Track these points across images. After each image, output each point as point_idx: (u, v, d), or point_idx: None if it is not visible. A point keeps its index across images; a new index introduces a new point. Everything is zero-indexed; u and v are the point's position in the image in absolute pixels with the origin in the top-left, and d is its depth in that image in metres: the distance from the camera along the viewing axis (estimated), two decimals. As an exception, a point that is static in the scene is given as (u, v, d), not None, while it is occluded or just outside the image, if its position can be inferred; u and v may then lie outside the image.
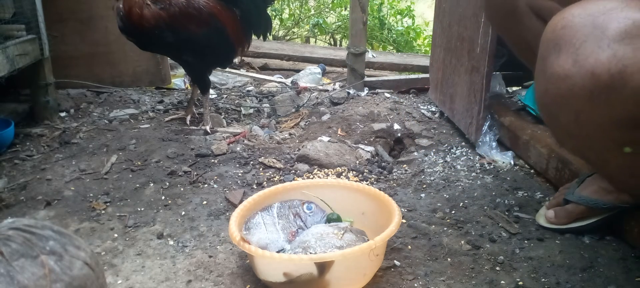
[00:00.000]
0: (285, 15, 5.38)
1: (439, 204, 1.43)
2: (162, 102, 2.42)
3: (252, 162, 1.72)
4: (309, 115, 2.23)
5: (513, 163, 1.66)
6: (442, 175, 1.62)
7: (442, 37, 2.10)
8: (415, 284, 1.09)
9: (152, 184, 1.56)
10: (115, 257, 1.20)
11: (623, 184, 1.09)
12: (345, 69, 2.74)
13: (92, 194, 1.50)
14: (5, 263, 0.78)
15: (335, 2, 5.18)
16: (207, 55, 2.02)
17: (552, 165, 1.49)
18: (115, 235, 1.29)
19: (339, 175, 1.62)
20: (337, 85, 2.72)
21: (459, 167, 1.68)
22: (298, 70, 3.17)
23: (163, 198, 1.48)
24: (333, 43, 5.42)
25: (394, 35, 4.86)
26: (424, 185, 1.56)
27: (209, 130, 2.01)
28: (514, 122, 1.76)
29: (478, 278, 1.10)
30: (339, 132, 1.95)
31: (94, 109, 2.28)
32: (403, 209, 1.39)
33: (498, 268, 1.13)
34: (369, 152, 1.79)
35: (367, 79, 2.57)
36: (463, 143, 1.85)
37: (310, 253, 1.03)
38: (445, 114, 2.09)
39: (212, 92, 2.55)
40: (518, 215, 1.35)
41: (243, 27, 2.06)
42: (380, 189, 1.35)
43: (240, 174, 1.63)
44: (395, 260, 1.16)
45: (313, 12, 5.42)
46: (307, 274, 0.99)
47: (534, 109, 1.76)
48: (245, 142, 1.91)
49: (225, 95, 2.58)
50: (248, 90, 2.72)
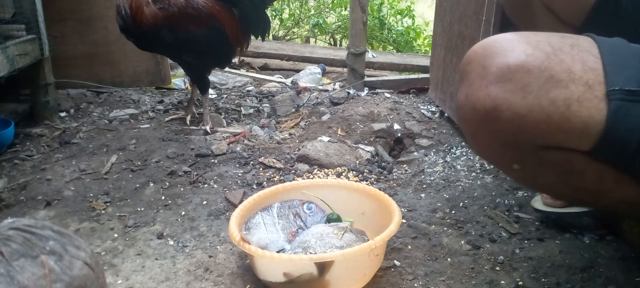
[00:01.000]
0: (285, 15, 5.37)
1: (439, 204, 1.43)
2: (162, 102, 2.42)
3: (252, 162, 1.72)
4: (309, 115, 2.23)
5: (513, 163, 1.66)
6: (442, 175, 1.62)
7: (442, 35, 2.10)
8: (415, 284, 1.09)
9: (152, 184, 1.56)
10: (115, 257, 1.20)
11: (540, 192, 1.29)
12: (345, 69, 2.74)
13: (92, 194, 1.50)
14: (5, 263, 0.78)
15: (335, 2, 5.18)
16: (206, 55, 2.02)
17: (552, 165, 1.49)
18: (115, 235, 1.29)
19: (339, 175, 1.62)
20: (337, 85, 2.72)
21: (459, 167, 1.68)
22: (298, 70, 3.17)
23: (163, 198, 1.48)
24: (333, 43, 5.42)
25: (394, 35, 4.86)
26: (424, 185, 1.56)
27: (209, 130, 2.01)
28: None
29: (478, 278, 1.10)
30: (339, 132, 1.95)
31: (94, 109, 2.28)
32: (403, 209, 1.39)
33: (498, 268, 1.14)
34: (369, 152, 1.79)
35: (367, 79, 2.57)
36: (463, 143, 1.85)
37: (310, 253, 1.03)
38: (446, 113, 2.09)
39: (212, 92, 2.55)
40: (518, 215, 1.35)
41: (242, 27, 2.06)
42: (380, 189, 1.35)
43: (240, 174, 1.63)
44: (395, 260, 1.16)
45: (313, 12, 5.42)
46: (307, 274, 0.99)
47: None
48: (245, 142, 1.91)
49: (225, 95, 2.58)
50: (248, 90, 2.72)
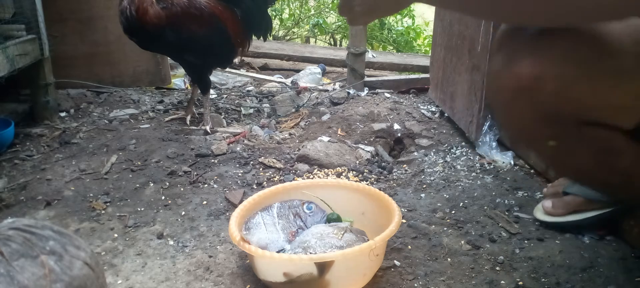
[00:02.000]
0: (285, 15, 5.37)
1: (439, 204, 1.43)
2: (162, 102, 2.42)
3: (252, 162, 1.72)
4: (309, 115, 2.23)
5: (513, 163, 1.66)
6: (442, 175, 1.62)
7: (442, 35, 2.10)
8: (415, 284, 1.08)
9: (152, 184, 1.56)
10: (115, 257, 1.20)
11: (562, 175, 1.20)
12: (345, 69, 2.74)
13: (92, 194, 1.50)
14: (5, 263, 0.78)
15: (336, 1, 5.18)
16: (207, 55, 2.02)
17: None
18: (115, 235, 1.29)
19: (339, 175, 1.62)
20: (337, 85, 2.72)
21: (459, 167, 1.68)
22: (298, 70, 3.16)
23: (163, 198, 1.48)
24: (333, 43, 5.41)
25: (394, 35, 4.86)
26: (424, 185, 1.56)
27: (209, 130, 2.01)
28: (514, 122, 1.75)
29: (478, 278, 1.10)
30: (339, 132, 1.95)
31: (94, 109, 2.28)
32: (403, 209, 1.39)
33: (498, 268, 1.13)
34: (369, 152, 1.79)
35: (367, 79, 2.57)
36: (463, 143, 1.85)
37: (311, 253, 1.03)
38: (446, 113, 2.09)
39: (212, 92, 2.55)
40: (518, 215, 1.35)
41: (244, 27, 2.06)
42: (380, 189, 1.35)
43: (240, 174, 1.63)
44: (395, 260, 1.16)
45: (313, 12, 5.42)
46: (307, 274, 0.99)
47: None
48: (245, 142, 1.90)
49: (225, 95, 2.58)
50: (248, 90, 2.72)
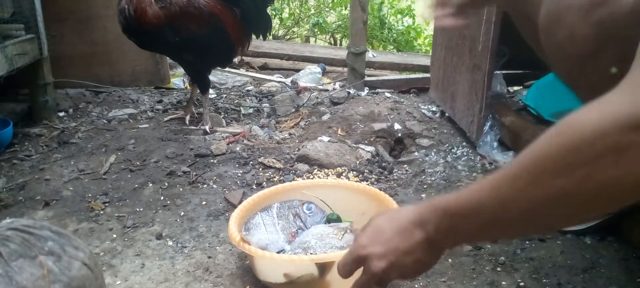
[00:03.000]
0: (285, 15, 5.36)
1: (440, 204, 1.42)
2: (161, 101, 2.42)
3: (251, 162, 1.71)
4: (309, 115, 2.22)
5: (514, 163, 1.65)
6: (443, 176, 1.61)
7: (443, 35, 2.09)
8: (416, 284, 1.08)
9: (151, 184, 1.55)
10: (114, 257, 1.19)
11: None
12: (346, 69, 2.73)
13: (90, 194, 1.49)
14: (4, 263, 0.78)
15: (336, 1, 5.17)
16: (207, 55, 2.01)
17: (553, 165, 1.48)
18: (114, 236, 1.28)
19: (339, 175, 1.61)
20: (337, 85, 2.71)
21: (460, 167, 1.67)
22: (298, 70, 3.16)
23: (162, 198, 1.47)
24: (333, 42, 5.41)
25: (395, 35, 4.85)
26: (425, 186, 1.55)
27: (209, 130, 2.00)
28: (515, 121, 1.75)
29: (479, 279, 1.09)
30: (339, 132, 1.94)
31: (93, 109, 2.27)
32: (403, 209, 1.38)
33: (499, 268, 1.13)
34: (370, 152, 1.79)
35: (367, 79, 2.56)
36: (464, 143, 1.85)
37: (311, 253, 1.02)
38: (446, 113, 2.08)
39: (211, 91, 2.54)
40: (519, 216, 1.35)
41: (243, 26, 2.05)
42: (381, 189, 1.35)
43: (240, 174, 1.62)
44: (396, 261, 1.15)
45: (313, 11, 5.41)
46: (307, 275, 0.99)
47: (536, 109, 1.76)
48: (245, 142, 1.90)
49: (225, 95, 2.58)
50: (248, 90, 2.71)
